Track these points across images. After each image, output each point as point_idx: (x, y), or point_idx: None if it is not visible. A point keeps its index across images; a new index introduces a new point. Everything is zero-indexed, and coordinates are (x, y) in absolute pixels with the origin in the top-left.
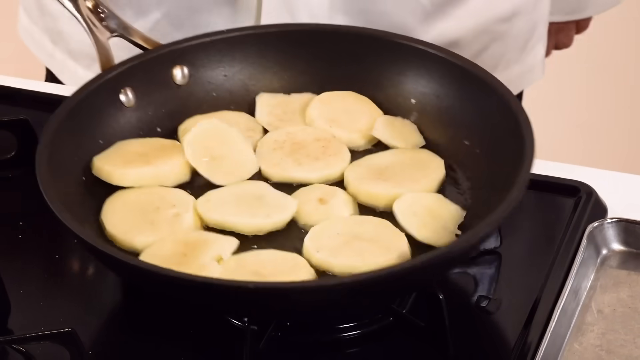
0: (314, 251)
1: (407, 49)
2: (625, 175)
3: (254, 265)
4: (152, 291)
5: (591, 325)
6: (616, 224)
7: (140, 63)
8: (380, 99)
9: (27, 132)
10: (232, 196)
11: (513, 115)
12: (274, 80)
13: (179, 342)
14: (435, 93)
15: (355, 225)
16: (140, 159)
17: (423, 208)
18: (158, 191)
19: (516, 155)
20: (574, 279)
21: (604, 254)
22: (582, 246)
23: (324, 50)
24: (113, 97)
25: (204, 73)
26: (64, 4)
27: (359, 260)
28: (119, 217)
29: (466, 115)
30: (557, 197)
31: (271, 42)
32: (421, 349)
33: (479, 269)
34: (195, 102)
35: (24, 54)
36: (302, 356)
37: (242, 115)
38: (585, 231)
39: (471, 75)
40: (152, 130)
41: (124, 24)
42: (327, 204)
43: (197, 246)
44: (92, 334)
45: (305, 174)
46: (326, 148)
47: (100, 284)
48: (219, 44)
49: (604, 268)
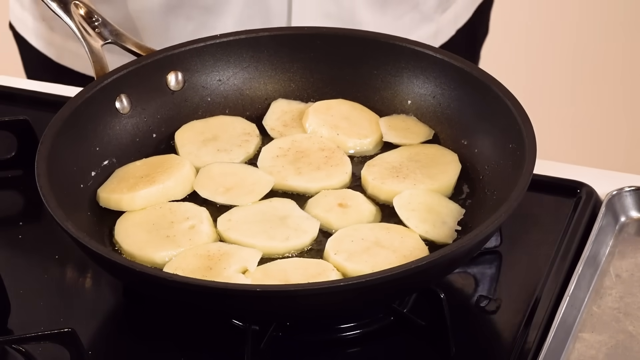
0: (332, 253)
1: (402, 50)
2: (625, 175)
3: (281, 274)
4: (175, 301)
5: (609, 289)
6: (634, 192)
7: (134, 70)
8: (375, 100)
9: (27, 132)
10: (254, 215)
11: (512, 115)
12: (268, 84)
13: (179, 342)
14: (432, 94)
15: (382, 232)
16: (144, 181)
17: (422, 204)
18: (168, 206)
19: (516, 155)
20: (592, 245)
21: (622, 221)
22: (600, 213)
23: (318, 53)
24: (108, 105)
25: (199, 78)
26: (56, 12)
27: (370, 267)
28: (134, 235)
29: (463, 115)
30: (557, 197)
31: (265, 46)
32: (422, 349)
33: (479, 269)
34: (190, 107)
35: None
36: (303, 356)
37: (237, 120)
38: (604, 201)
39: (467, 75)
40: (148, 136)
41: (117, 31)
42: (348, 207)
43: (221, 259)
44: (92, 334)
45: (303, 184)
46: (329, 158)
47: (100, 284)
48: (213, 48)
49: (622, 235)
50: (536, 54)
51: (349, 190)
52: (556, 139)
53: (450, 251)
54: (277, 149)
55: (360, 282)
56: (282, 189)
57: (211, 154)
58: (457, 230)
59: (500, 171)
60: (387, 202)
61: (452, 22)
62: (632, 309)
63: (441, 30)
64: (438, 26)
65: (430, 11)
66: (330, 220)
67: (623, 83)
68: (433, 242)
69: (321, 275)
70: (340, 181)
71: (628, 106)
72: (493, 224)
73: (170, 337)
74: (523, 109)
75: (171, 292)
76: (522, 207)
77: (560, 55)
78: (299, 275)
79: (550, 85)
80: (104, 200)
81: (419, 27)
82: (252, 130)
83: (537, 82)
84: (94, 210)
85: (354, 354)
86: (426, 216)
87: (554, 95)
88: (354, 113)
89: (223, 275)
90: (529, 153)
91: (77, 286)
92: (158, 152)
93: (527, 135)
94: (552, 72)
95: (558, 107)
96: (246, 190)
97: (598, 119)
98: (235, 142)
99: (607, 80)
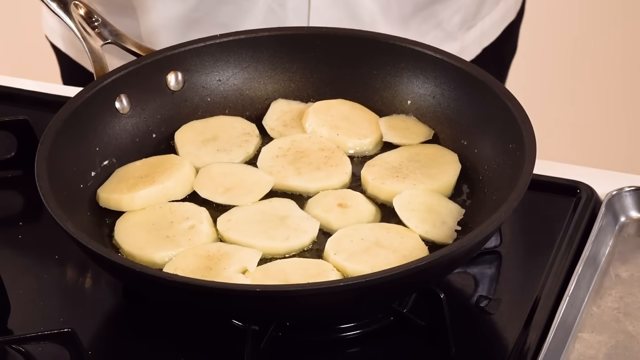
0: (332, 253)
1: (402, 50)
2: (625, 175)
3: (281, 274)
4: (175, 301)
5: (609, 289)
6: (634, 192)
7: (134, 70)
8: (375, 100)
9: (27, 132)
10: (254, 215)
11: (512, 115)
12: (268, 84)
13: (179, 342)
14: (431, 94)
15: (382, 232)
16: (143, 181)
17: (422, 205)
18: (168, 206)
19: (516, 155)
20: (592, 245)
21: (622, 222)
22: (600, 213)
23: (318, 53)
24: (108, 105)
25: (198, 78)
26: (56, 12)
27: (370, 267)
28: (134, 235)
29: (463, 115)
30: (557, 197)
31: (265, 46)
32: (422, 349)
33: (479, 269)
34: (190, 107)
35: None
36: (303, 356)
37: (237, 120)
38: (604, 201)
39: (467, 75)
40: (148, 136)
41: (117, 31)
42: (348, 207)
43: (221, 259)
44: (92, 334)
45: (303, 184)
46: (329, 158)
47: (100, 284)
48: (213, 49)
49: (622, 235)
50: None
51: (348, 191)
52: (556, 139)
53: (450, 251)
54: (276, 149)
55: (360, 282)
56: (282, 189)
57: (211, 154)
58: (457, 230)
59: (500, 171)
60: (387, 202)
61: (478, 40)
62: (632, 309)
63: (466, 49)
64: (462, 44)
65: (454, 29)
66: (330, 220)
67: (623, 83)
68: (433, 242)
69: (321, 276)
70: (340, 181)
71: (628, 106)
72: (493, 224)
73: (170, 337)
74: (523, 109)
75: (171, 292)
76: (522, 207)
77: (560, 55)
78: (298, 275)
79: (550, 85)
80: (103, 200)
81: (442, 46)
82: (252, 130)
83: (537, 82)
84: (93, 210)
85: (354, 354)
86: (426, 216)
87: (553, 95)
88: (353, 113)
89: (223, 276)
90: (528, 153)
91: (77, 286)
92: (158, 152)
93: (526, 135)
94: (551, 72)
95: (558, 107)
96: (246, 190)
97: (598, 119)
98: (235, 142)
99: (607, 80)
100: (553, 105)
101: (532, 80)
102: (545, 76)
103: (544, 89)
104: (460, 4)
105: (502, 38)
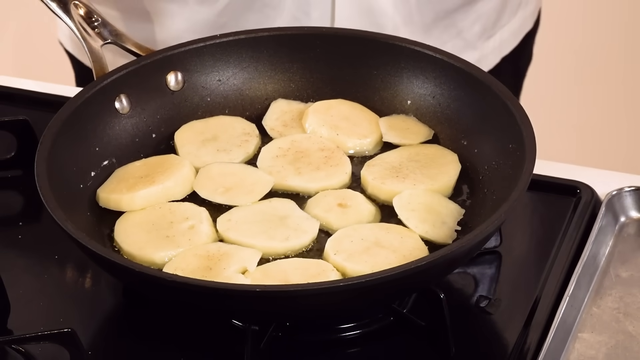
0: (332, 253)
1: (402, 50)
2: (625, 175)
3: (281, 274)
4: (175, 301)
5: (609, 289)
6: (634, 192)
7: (134, 70)
8: (375, 101)
9: (27, 132)
10: (254, 215)
11: (512, 115)
12: (268, 84)
13: (179, 342)
14: (431, 94)
15: (382, 232)
16: (143, 181)
17: (422, 205)
18: (167, 206)
19: (516, 155)
20: (592, 245)
21: (622, 222)
22: (600, 213)
23: (318, 53)
24: (108, 105)
25: (198, 78)
26: (55, 12)
27: (370, 267)
28: (133, 235)
29: (463, 116)
30: (557, 197)
31: (265, 46)
32: (422, 349)
33: (478, 269)
34: (190, 107)
35: None
36: (303, 356)
37: (237, 120)
38: (604, 201)
39: (467, 75)
40: (147, 136)
41: (117, 31)
42: (348, 207)
43: (221, 259)
44: (92, 334)
45: (303, 184)
46: (328, 158)
47: (100, 284)
48: (213, 49)
49: (622, 235)
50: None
51: (348, 191)
52: (556, 139)
53: (450, 251)
54: (276, 149)
55: (360, 282)
56: (281, 189)
57: (211, 154)
58: (457, 230)
59: (500, 171)
60: (387, 202)
61: (497, 49)
62: (632, 309)
63: (485, 58)
64: (482, 53)
65: (474, 38)
66: (330, 220)
67: (623, 83)
68: (433, 242)
69: (321, 276)
70: (340, 181)
71: (628, 106)
72: (493, 224)
73: (170, 337)
74: (523, 109)
75: (171, 292)
76: (522, 207)
77: (559, 55)
78: (298, 276)
79: (550, 85)
80: (103, 200)
81: (461, 55)
82: (251, 130)
83: (536, 82)
84: (93, 210)
85: (354, 354)
86: (426, 216)
87: (553, 95)
88: (353, 113)
89: (223, 276)
90: (528, 153)
91: (77, 286)
92: (158, 152)
93: (526, 135)
94: (551, 72)
95: (558, 107)
96: (246, 190)
97: (598, 119)
98: (235, 142)
99: (607, 80)
100: (553, 106)
101: (532, 80)
102: (545, 76)
103: (543, 89)
104: (480, 13)
105: (519, 47)
